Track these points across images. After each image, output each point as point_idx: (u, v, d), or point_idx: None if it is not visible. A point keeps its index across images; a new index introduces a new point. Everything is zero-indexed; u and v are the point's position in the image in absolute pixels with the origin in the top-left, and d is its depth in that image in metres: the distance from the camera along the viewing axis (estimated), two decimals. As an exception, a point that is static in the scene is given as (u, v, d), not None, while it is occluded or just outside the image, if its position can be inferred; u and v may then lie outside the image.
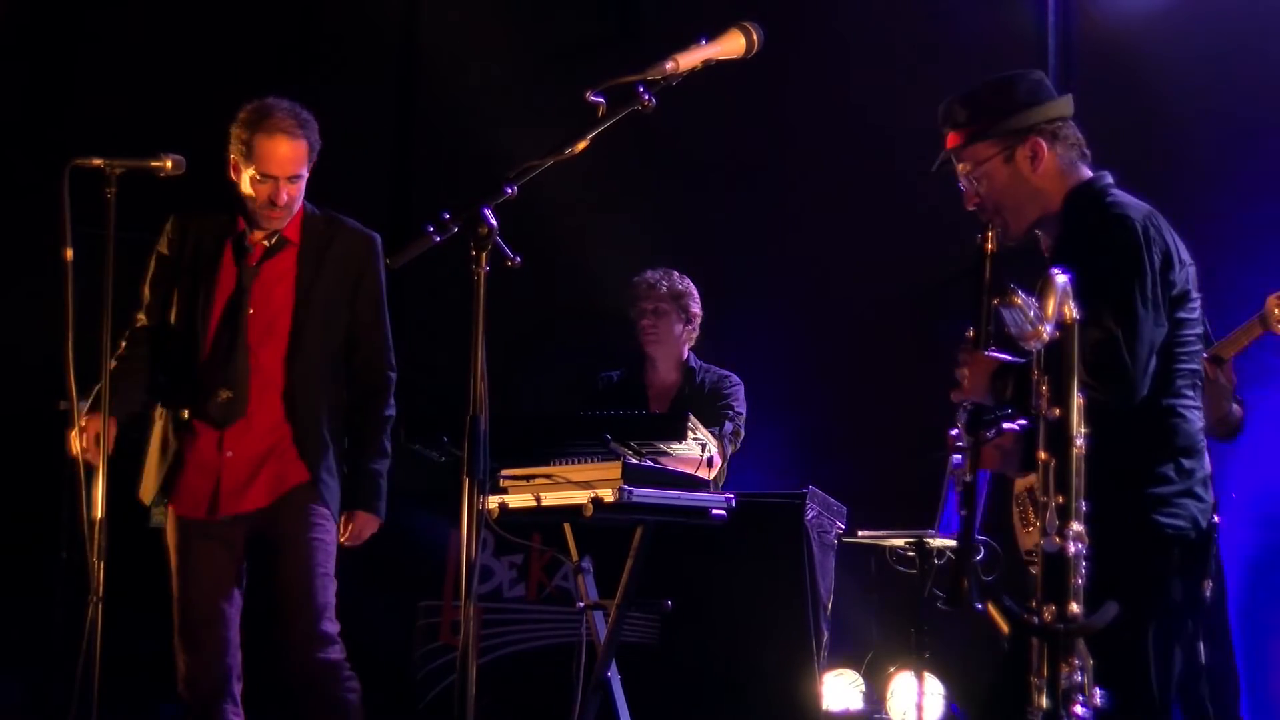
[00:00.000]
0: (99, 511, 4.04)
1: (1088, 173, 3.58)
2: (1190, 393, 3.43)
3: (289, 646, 4.45)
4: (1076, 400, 2.80)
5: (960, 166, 3.62)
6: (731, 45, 3.38)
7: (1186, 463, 3.38)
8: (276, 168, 4.47)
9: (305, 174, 4.53)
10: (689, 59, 3.31)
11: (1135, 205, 3.45)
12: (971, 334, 3.48)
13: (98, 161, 4.17)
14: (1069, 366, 2.79)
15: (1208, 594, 3.39)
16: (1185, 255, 3.44)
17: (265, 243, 4.57)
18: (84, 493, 4.08)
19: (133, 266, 4.56)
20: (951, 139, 3.62)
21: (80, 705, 4.00)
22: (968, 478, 3.41)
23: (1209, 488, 3.40)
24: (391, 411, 4.69)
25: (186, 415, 4.51)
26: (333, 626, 4.48)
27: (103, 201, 4.15)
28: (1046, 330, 2.76)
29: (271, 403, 4.50)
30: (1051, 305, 2.76)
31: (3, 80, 7.52)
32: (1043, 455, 2.83)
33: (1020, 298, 2.74)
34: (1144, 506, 3.30)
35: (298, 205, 4.57)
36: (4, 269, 6.95)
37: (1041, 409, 2.84)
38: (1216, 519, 3.40)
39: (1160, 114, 6.48)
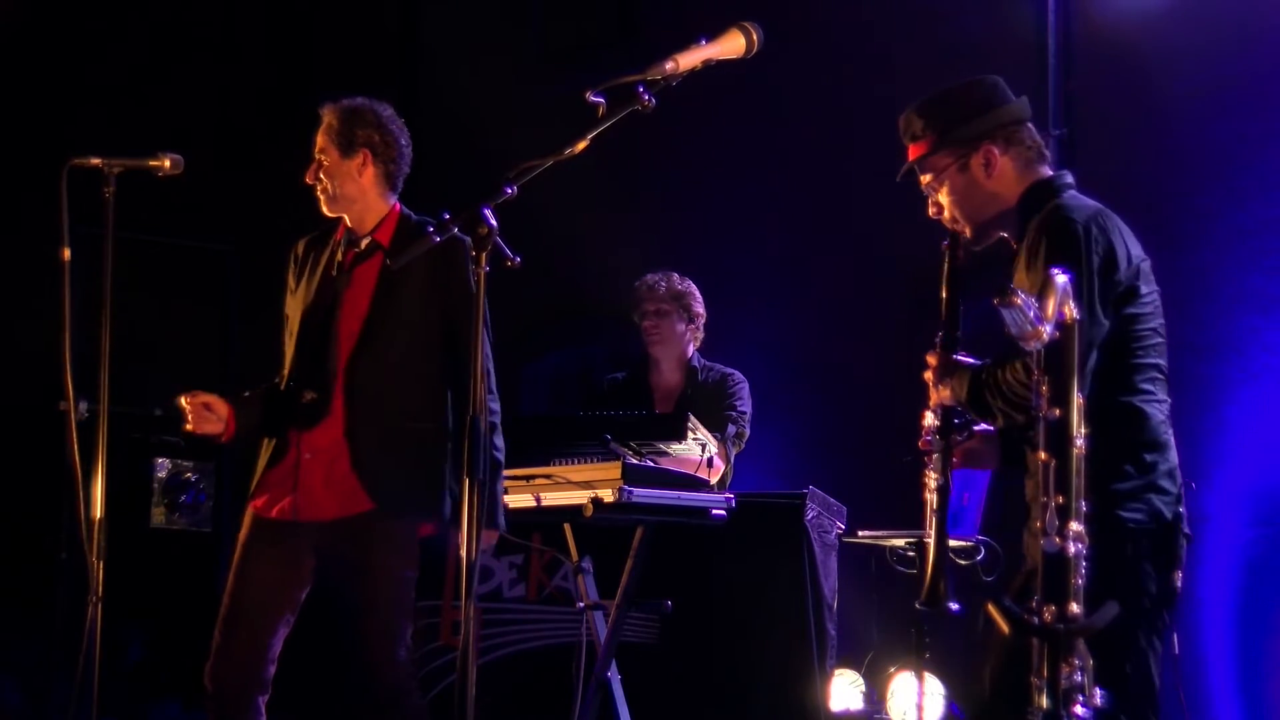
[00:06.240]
0: (99, 511, 4.04)
1: (1046, 172, 3.64)
2: (1151, 387, 3.46)
3: (357, 669, 4.38)
4: (1076, 400, 2.80)
5: (922, 177, 3.70)
6: (731, 45, 3.39)
7: (1148, 456, 3.40)
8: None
9: (331, 151, 4.45)
10: (689, 59, 3.31)
11: (1081, 207, 3.50)
12: (940, 339, 3.53)
13: (96, 161, 4.16)
14: (1069, 366, 2.79)
15: (1178, 585, 3.41)
16: (1135, 251, 3.48)
17: (358, 248, 4.51)
18: (84, 493, 4.07)
19: (132, 266, 4.55)
20: (911, 151, 3.70)
21: (80, 705, 4.00)
22: (939, 480, 3.42)
23: (1174, 479, 3.43)
24: (496, 409, 4.44)
25: (280, 418, 4.46)
26: (403, 652, 4.40)
27: (101, 201, 4.15)
28: (1046, 330, 2.76)
29: (351, 406, 4.41)
30: (1051, 305, 2.76)
31: (3, 80, 7.52)
32: (1043, 455, 2.83)
33: (1020, 298, 2.74)
34: (1107, 503, 3.31)
35: (340, 190, 4.47)
36: (3, 269, 6.95)
37: (1041, 409, 2.84)
38: (1183, 510, 3.42)
39: (1159, 114, 6.48)
